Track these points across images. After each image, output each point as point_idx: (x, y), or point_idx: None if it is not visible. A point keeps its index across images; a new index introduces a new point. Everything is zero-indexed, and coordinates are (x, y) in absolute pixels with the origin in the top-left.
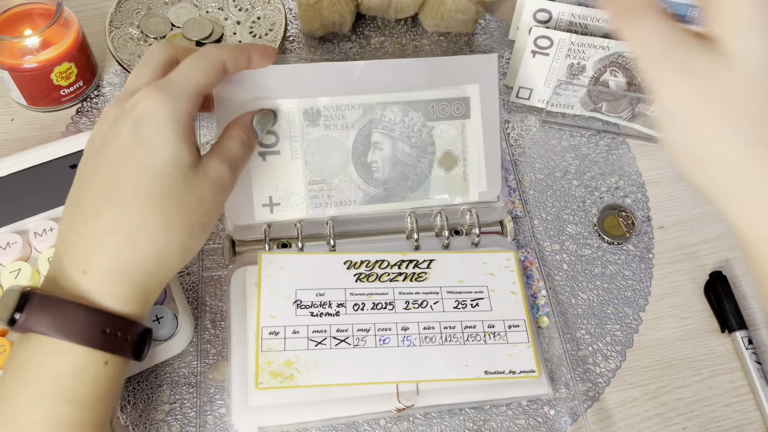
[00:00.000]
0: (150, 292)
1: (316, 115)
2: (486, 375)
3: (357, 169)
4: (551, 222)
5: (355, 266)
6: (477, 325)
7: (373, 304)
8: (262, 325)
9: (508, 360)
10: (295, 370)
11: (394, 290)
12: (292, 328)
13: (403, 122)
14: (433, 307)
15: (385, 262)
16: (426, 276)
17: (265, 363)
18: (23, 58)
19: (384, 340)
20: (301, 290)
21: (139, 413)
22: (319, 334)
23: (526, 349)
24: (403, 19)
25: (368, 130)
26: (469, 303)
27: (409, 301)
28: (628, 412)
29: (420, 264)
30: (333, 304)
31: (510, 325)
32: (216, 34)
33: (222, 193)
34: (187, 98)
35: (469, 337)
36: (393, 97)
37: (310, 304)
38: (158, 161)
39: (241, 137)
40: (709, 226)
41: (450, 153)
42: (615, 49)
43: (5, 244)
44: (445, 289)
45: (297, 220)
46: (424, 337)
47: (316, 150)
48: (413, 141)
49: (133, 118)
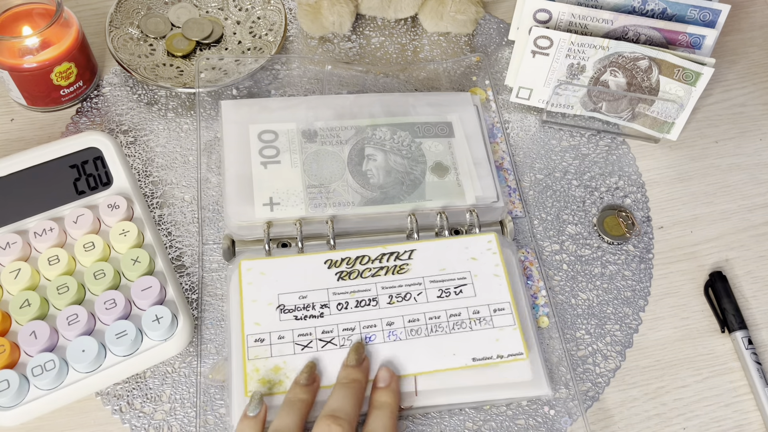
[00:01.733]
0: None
1: (313, 134)
2: (474, 362)
3: (353, 176)
4: (551, 222)
5: (336, 264)
6: (462, 312)
7: (356, 301)
8: (247, 333)
9: (495, 344)
10: (283, 376)
11: (377, 285)
12: (277, 334)
13: (393, 139)
14: (416, 298)
15: (365, 257)
16: (408, 267)
17: (253, 371)
18: (23, 58)
19: (370, 338)
20: (283, 294)
21: (139, 413)
22: (304, 338)
23: (513, 331)
24: (403, 19)
25: (361, 145)
26: (453, 291)
27: (392, 295)
28: (628, 412)
29: (401, 255)
30: (316, 306)
31: (495, 309)
32: (216, 34)
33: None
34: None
35: (454, 326)
36: (381, 120)
37: (293, 307)
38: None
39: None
40: (709, 226)
41: (441, 163)
42: (615, 49)
43: (5, 244)
44: (428, 279)
45: (297, 218)
46: (409, 330)
47: (314, 161)
48: (404, 153)
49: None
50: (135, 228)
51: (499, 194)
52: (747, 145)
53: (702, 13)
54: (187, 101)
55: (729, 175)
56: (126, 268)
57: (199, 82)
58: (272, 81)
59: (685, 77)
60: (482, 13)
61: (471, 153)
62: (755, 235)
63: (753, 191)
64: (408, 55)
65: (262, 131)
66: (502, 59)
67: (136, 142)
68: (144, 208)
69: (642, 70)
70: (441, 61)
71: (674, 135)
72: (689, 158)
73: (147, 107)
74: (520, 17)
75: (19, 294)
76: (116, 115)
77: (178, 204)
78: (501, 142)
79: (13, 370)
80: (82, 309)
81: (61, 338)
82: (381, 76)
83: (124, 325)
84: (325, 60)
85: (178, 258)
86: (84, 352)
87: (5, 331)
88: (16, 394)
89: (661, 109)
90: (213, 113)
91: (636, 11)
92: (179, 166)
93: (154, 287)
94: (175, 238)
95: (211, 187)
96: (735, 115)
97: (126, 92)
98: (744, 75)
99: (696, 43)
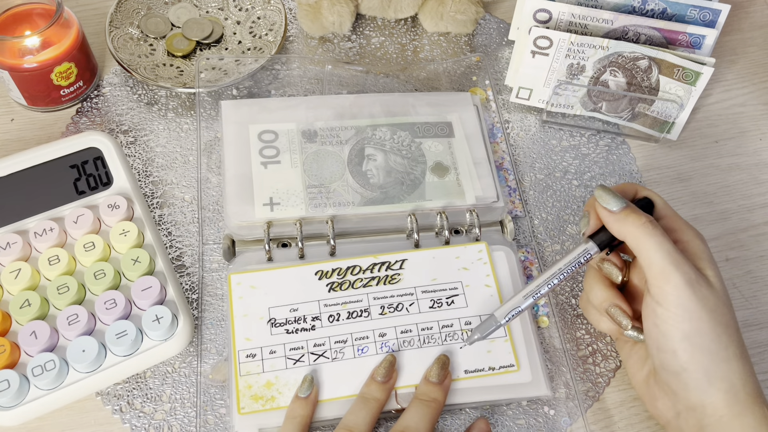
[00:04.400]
0: None
1: (313, 134)
2: (466, 374)
3: (353, 176)
4: (551, 222)
5: (327, 275)
6: (454, 323)
7: (348, 313)
8: (239, 349)
9: (487, 356)
10: (276, 392)
11: (369, 296)
12: (268, 349)
13: (393, 139)
14: (408, 309)
15: (357, 267)
16: (399, 277)
17: (245, 387)
18: (23, 58)
19: (362, 350)
20: (274, 308)
21: (139, 413)
22: (296, 352)
23: (504, 343)
24: (403, 19)
25: (361, 145)
26: (445, 301)
27: (384, 305)
28: (628, 412)
29: (392, 265)
30: (308, 318)
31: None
32: (216, 34)
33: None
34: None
35: (447, 337)
36: (381, 120)
37: (284, 321)
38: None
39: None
40: (709, 226)
41: (441, 163)
42: (615, 49)
43: (5, 244)
44: (420, 289)
45: (297, 218)
46: (402, 341)
47: (314, 161)
48: (404, 153)
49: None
50: (135, 228)
51: (499, 194)
52: (747, 145)
53: (702, 13)
54: (187, 101)
55: (729, 175)
56: (126, 268)
57: (199, 82)
58: (272, 81)
59: (685, 77)
60: (482, 13)
61: (471, 153)
62: (755, 235)
63: (753, 191)
64: (408, 55)
65: (262, 131)
66: (502, 59)
67: (136, 142)
68: (144, 208)
69: (642, 70)
70: (441, 61)
71: (674, 135)
72: (689, 158)
73: (147, 107)
74: (520, 17)
75: (20, 294)
76: (116, 115)
77: (178, 204)
78: (501, 142)
79: (14, 370)
80: (83, 309)
81: (61, 338)
82: (381, 76)
83: (124, 325)
84: (325, 60)
85: (178, 258)
86: (84, 352)
87: (5, 331)
88: (16, 394)
89: (661, 109)
90: (213, 113)
91: (636, 11)
92: (179, 166)
93: (155, 287)
94: (175, 238)
95: (211, 187)
96: (735, 115)
97: (126, 92)
98: (744, 75)
99: (696, 43)
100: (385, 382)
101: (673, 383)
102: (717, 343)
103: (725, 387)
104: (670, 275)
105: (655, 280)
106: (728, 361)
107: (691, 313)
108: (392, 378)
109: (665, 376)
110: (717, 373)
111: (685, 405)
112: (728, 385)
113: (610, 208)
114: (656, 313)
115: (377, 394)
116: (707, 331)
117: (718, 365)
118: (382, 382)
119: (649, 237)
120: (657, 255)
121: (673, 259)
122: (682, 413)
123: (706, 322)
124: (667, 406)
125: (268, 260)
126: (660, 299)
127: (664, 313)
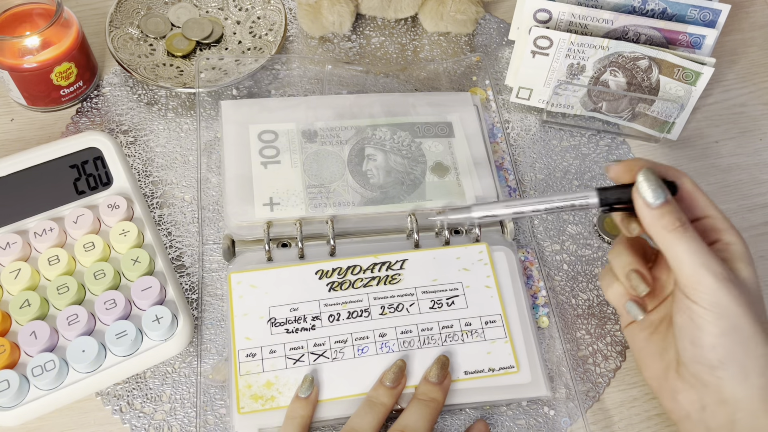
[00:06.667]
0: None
1: (313, 134)
2: (466, 375)
3: (353, 176)
4: (551, 222)
5: (327, 275)
6: (454, 324)
7: (348, 312)
8: (238, 349)
9: (487, 358)
10: (276, 391)
11: (369, 296)
12: (268, 348)
13: (393, 139)
14: (409, 309)
15: (357, 267)
16: (400, 277)
17: (245, 387)
18: (23, 58)
19: (362, 350)
20: (274, 307)
21: (139, 413)
22: (296, 351)
23: (504, 344)
24: (403, 19)
25: (361, 145)
26: (445, 302)
27: (384, 305)
28: (628, 412)
29: (393, 265)
30: (308, 318)
31: (486, 321)
32: (216, 34)
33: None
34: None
35: (447, 338)
36: (381, 120)
37: (284, 320)
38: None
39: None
40: None
41: (441, 163)
42: (615, 49)
43: (5, 244)
44: (420, 290)
45: (297, 218)
46: (402, 341)
47: (314, 161)
48: (404, 153)
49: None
50: (135, 228)
51: (499, 194)
52: (747, 145)
53: (702, 13)
54: (187, 101)
55: (729, 175)
56: (126, 268)
57: (199, 82)
58: (272, 81)
59: (685, 77)
60: (482, 13)
61: (471, 153)
62: (755, 235)
63: (753, 191)
64: (408, 55)
65: (262, 131)
66: (502, 59)
67: (136, 142)
68: (144, 208)
69: (642, 70)
70: (441, 61)
71: (674, 135)
72: (689, 158)
73: (147, 107)
74: (520, 17)
75: (19, 294)
76: (116, 115)
77: (178, 204)
78: (501, 142)
79: (13, 370)
80: (82, 309)
81: (61, 338)
82: (381, 76)
83: (124, 325)
84: (325, 60)
85: (178, 258)
86: (84, 352)
87: (5, 331)
88: (16, 394)
89: (661, 109)
90: (213, 113)
91: (636, 11)
92: (179, 166)
93: (154, 287)
94: (175, 238)
95: (211, 187)
96: (735, 115)
97: (126, 92)
98: (744, 75)
99: (696, 43)
100: (394, 387)
101: (706, 377)
102: (754, 338)
103: (761, 383)
104: (703, 277)
105: (687, 281)
106: (765, 357)
107: (728, 310)
108: (401, 383)
109: (696, 369)
110: (755, 368)
111: (715, 399)
112: (765, 380)
113: (648, 201)
114: (692, 309)
115: (384, 399)
116: (744, 326)
117: (755, 360)
118: (391, 387)
119: (679, 242)
120: (688, 259)
121: (704, 261)
122: (710, 407)
123: (743, 318)
124: (690, 400)
125: (268, 260)
126: (695, 298)
127: (699, 310)
